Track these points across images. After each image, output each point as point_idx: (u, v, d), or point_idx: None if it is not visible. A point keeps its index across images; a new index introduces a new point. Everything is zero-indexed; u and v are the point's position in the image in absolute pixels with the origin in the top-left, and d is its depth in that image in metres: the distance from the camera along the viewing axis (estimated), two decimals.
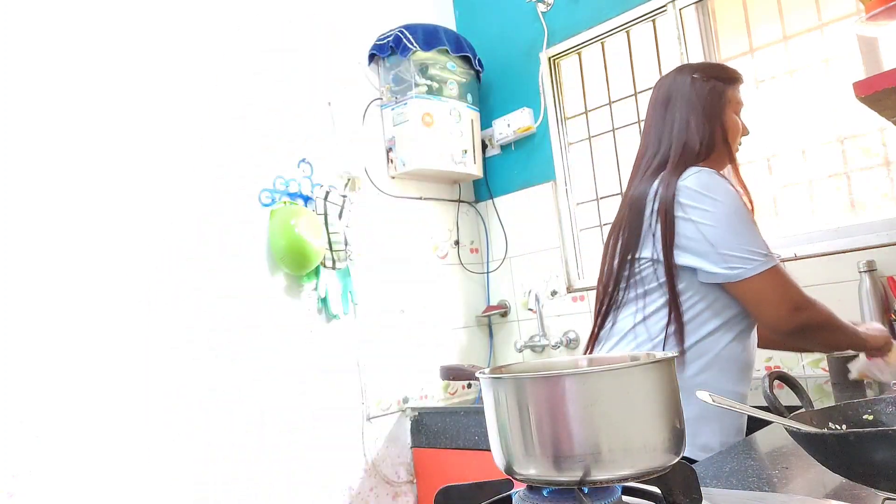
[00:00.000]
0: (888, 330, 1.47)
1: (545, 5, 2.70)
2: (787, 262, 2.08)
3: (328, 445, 2.26)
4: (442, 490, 0.71)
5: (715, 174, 1.35)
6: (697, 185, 1.32)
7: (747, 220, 1.31)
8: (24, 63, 1.80)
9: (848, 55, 2.07)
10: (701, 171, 1.35)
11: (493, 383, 0.65)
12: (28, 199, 1.75)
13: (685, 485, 0.66)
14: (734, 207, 1.30)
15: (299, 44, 2.44)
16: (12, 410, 1.65)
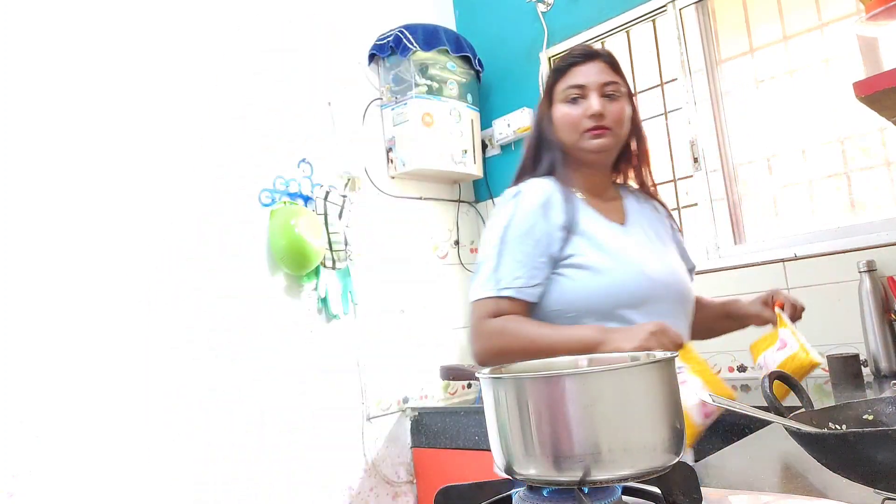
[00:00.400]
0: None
1: (545, 5, 2.70)
2: (787, 262, 2.08)
3: (328, 445, 2.26)
4: (442, 490, 0.71)
5: (518, 193, 1.25)
6: (496, 207, 1.31)
7: (499, 244, 1.21)
8: (25, 63, 1.80)
9: (848, 55, 2.07)
10: (507, 192, 1.28)
11: (493, 383, 0.65)
12: (28, 199, 1.75)
13: (685, 485, 0.66)
14: (498, 230, 1.22)
15: (299, 44, 2.44)
16: (12, 410, 1.65)
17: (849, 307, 1.93)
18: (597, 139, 1.24)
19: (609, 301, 1.19)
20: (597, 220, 1.27)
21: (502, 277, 1.18)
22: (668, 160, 2.48)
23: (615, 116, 1.25)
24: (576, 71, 1.27)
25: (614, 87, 1.26)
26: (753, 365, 1.36)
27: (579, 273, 1.20)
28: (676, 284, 1.27)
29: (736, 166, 2.34)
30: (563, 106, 1.27)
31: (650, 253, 1.27)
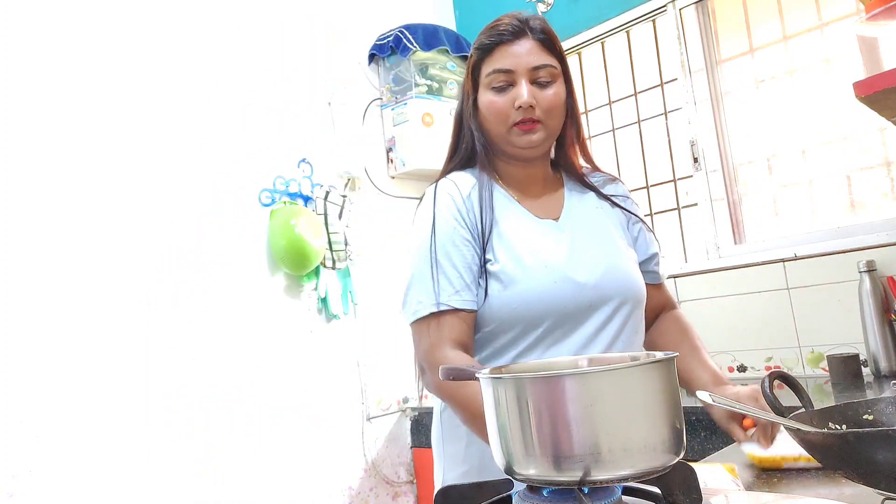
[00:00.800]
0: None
1: (545, 5, 2.70)
2: (788, 262, 2.08)
3: (328, 445, 2.26)
4: (442, 490, 0.71)
5: (430, 194, 1.14)
6: (419, 205, 1.17)
7: (425, 255, 1.09)
8: (25, 63, 1.80)
9: (848, 55, 2.07)
10: (428, 190, 1.17)
11: (493, 383, 0.65)
12: (28, 199, 1.75)
13: (685, 485, 0.65)
14: (420, 240, 1.11)
15: (299, 44, 2.44)
16: (12, 410, 1.65)
17: (849, 307, 1.93)
18: (526, 135, 1.09)
19: (524, 315, 1.04)
20: (522, 218, 1.13)
21: (441, 289, 1.05)
22: (668, 160, 2.48)
23: (547, 106, 1.09)
24: (503, 51, 1.10)
25: (547, 72, 1.09)
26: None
27: (491, 284, 1.07)
28: (616, 288, 1.09)
29: (736, 166, 2.34)
30: (488, 93, 1.11)
31: (583, 253, 1.10)
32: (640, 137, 2.56)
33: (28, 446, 1.66)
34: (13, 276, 1.70)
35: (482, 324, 1.08)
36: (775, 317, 2.10)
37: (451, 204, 1.11)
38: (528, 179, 1.17)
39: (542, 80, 1.09)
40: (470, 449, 1.09)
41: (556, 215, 1.15)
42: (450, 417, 1.13)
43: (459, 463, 1.11)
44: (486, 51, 1.12)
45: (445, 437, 1.15)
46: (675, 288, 2.32)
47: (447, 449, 1.15)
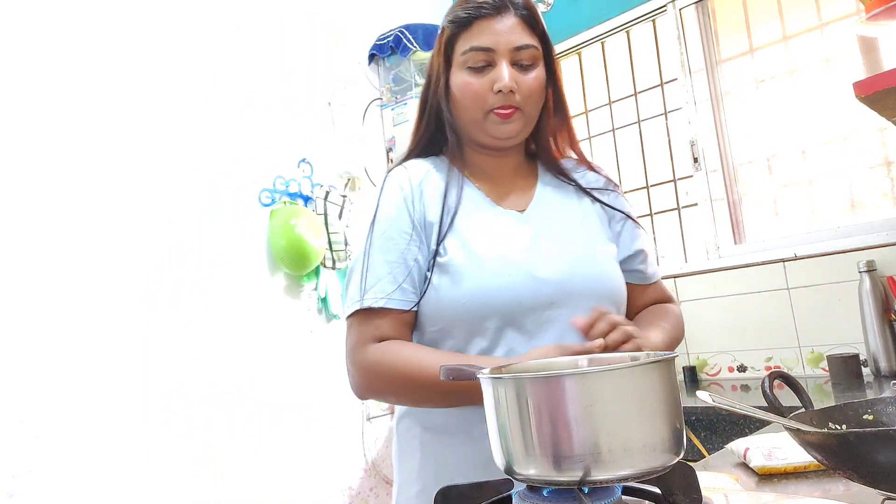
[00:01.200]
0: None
1: (545, 5, 2.70)
2: (788, 262, 2.08)
3: (328, 445, 2.26)
4: (442, 490, 0.71)
5: (384, 183, 1.07)
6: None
7: (361, 249, 1.04)
8: (25, 63, 1.80)
9: (848, 55, 2.07)
10: (383, 178, 1.09)
11: (493, 383, 0.65)
12: (28, 199, 1.75)
13: (685, 485, 0.65)
14: (365, 230, 1.05)
15: (299, 44, 2.44)
16: (12, 410, 1.65)
17: (849, 307, 1.93)
18: (505, 124, 1.00)
19: (476, 313, 0.95)
20: (482, 208, 1.03)
21: (370, 286, 0.98)
22: (668, 160, 2.48)
23: (527, 91, 0.99)
24: (482, 26, 0.98)
25: (529, 54, 0.99)
26: None
27: (440, 278, 0.97)
28: (584, 285, 0.99)
29: (736, 166, 2.34)
30: (463, 73, 1.00)
31: (547, 247, 1.00)
32: (640, 137, 2.56)
33: (28, 446, 1.66)
34: (13, 276, 1.70)
35: (430, 323, 0.99)
36: (775, 317, 2.10)
37: (397, 194, 1.03)
38: (498, 169, 1.08)
39: (523, 63, 0.99)
40: (424, 465, 1.00)
41: (522, 207, 1.05)
42: (405, 429, 1.05)
43: (413, 481, 1.01)
44: (462, 25, 1.00)
45: (401, 452, 1.06)
46: (675, 288, 2.32)
47: (402, 465, 1.05)
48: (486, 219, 1.02)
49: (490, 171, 1.08)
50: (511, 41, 0.98)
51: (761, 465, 0.93)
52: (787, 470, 0.92)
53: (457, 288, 0.96)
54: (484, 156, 1.07)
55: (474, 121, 1.01)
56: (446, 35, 1.02)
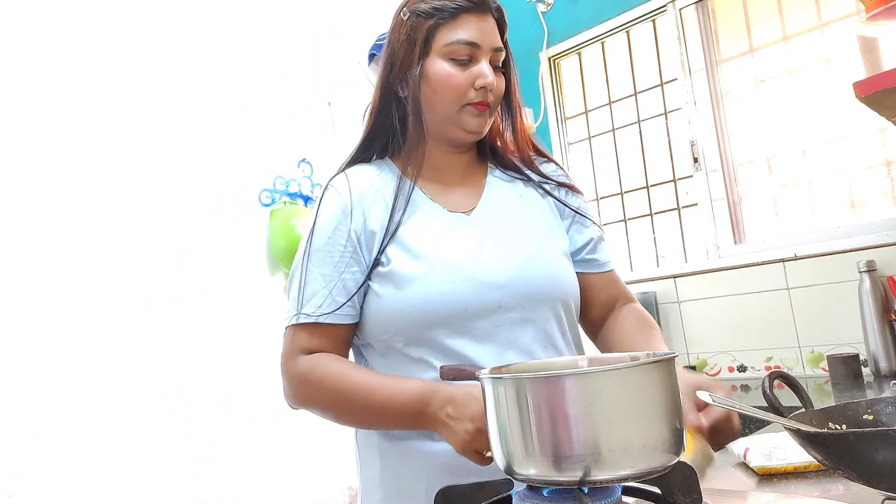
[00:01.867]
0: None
1: (545, 5, 2.70)
2: (788, 262, 2.08)
3: (328, 445, 2.26)
4: (442, 490, 0.71)
5: (323, 193, 1.05)
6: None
7: (298, 261, 1.02)
8: (25, 64, 1.80)
9: (848, 55, 2.07)
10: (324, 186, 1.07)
11: (493, 383, 0.65)
12: (28, 199, 1.75)
13: (685, 485, 0.65)
14: (303, 241, 1.04)
15: (299, 44, 2.44)
16: (12, 410, 1.65)
17: (849, 307, 1.93)
18: (479, 117, 0.99)
19: (421, 321, 0.93)
20: (430, 214, 1.01)
21: (306, 299, 0.98)
22: (668, 160, 2.48)
23: (498, 91, 1.01)
24: (468, 21, 0.98)
25: (500, 56, 1.01)
26: None
27: (383, 287, 0.96)
28: (532, 286, 0.97)
29: (736, 166, 2.34)
30: (444, 63, 0.98)
31: (493, 249, 0.98)
32: (640, 137, 2.56)
33: (28, 446, 1.66)
34: (13, 276, 1.70)
35: (378, 332, 0.98)
36: (775, 317, 2.10)
37: (336, 205, 1.02)
38: (450, 167, 1.06)
39: (495, 65, 1.01)
40: (385, 472, 0.99)
41: (469, 207, 1.03)
42: (364, 437, 1.04)
43: (375, 490, 1.00)
44: (447, 15, 0.98)
45: (362, 460, 1.05)
46: (676, 288, 2.32)
47: (364, 474, 1.05)
48: (431, 224, 1.00)
49: (441, 169, 1.06)
50: (492, 41, 0.99)
51: (761, 465, 0.93)
52: (787, 470, 0.92)
53: (401, 296, 0.94)
54: (438, 154, 1.05)
55: (448, 113, 0.99)
56: (429, 23, 0.98)
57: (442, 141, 1.04)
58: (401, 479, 0.96)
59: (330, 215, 1.01)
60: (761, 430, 1.25)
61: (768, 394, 0.81)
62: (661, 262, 2.51)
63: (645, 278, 2.39)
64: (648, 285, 2.37)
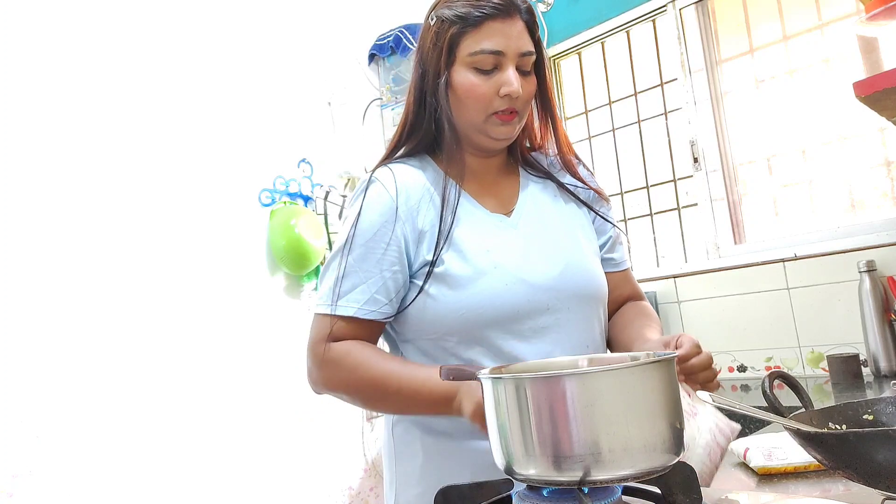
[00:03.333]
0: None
1: (545, 5, 2.70)
2: (788, 262, 2.08)
3: (328, 445, 2.26)
4: (442, 490, 0.71)
5: (369, 186, 1.03)
6: (351, 194, 1.07)
7: (339, 251, 1.01)
8: (25, 64, 1.80)
9: (848, 55, 2.07)
10: (364, 178, 1.07)
11: (493, 383, 0.65)
12: (28, 199, 1.75)
13: (685, 485, 0.66)
14: (342, 234, 1.03)
15: (299, 44, 2.44)
16: (12, 410, 1.65)
17: (849, 307, 1.93)
18: (505, 125, 1.00)
19: (475, 322, 0.95)
20: (474, 214, 1.03)
21: (343, 292, 0.97)
22: (668, 160, 2.48)
23: (527, 98, 1.01)
24: (492, 28, 0.97)
25: (530, 60, 1.01)
26: None
27: (437, 288, 0.97)
28: (575, 288, 1.00)
29: (736, 166, 2.34)
30: (469, 73, 0.98)
31: (537, 252, 1.01)
32: (640, 137, 2.56)
33: (28, 446, 1.66)
34: (13, 276, 1.70)
35: (426, 332, 0.99)
36: (775, 317, 2.10)
37: (384, 199, 1.00)
38: (485, 171, 1.08)
39: (524, 69, 1.00)
40: (427, 467, 1.00)
41: (508, 209, 1.05)
42: (403, 432, 1.05)
43: (414, 484, 1.01)
44: (472, 23, 0.97)
45: (398, 454, 1.06)
46: (676, 288, 2.32)
47: (400, 468, 1.05)
48: (478, 226, 1.01)
49: (477, 172, 1.07)
50: (519, 46, 0.98)
51: (761, 465, 0.93)
52: (787, 470, 0.92)
53: (455, 297, 0.96)
54: (472, 156, 1.07)
55: (473, 123, 1.00)
56: (453, 31, 0.98)
57: (473, 147, 1.05)
58: (443, 472, 0.97)
59: (376, 211, 1.00)
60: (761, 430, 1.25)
61: (768, 394, 0.81)
62: (661, 262, 2.51)
63: (645, 278, 2.39)
64: (648, 285, 2.37)
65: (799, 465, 0.91)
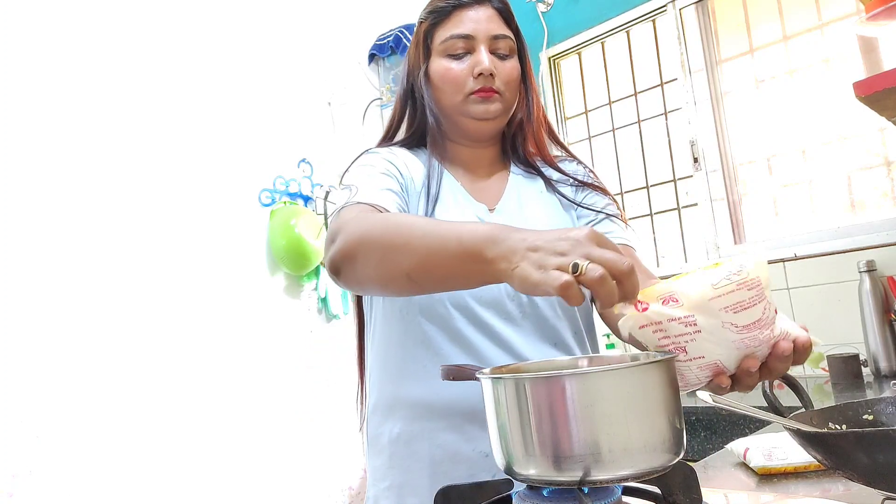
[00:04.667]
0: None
1: (545, 5, 2.70)
2: (788, 262, 2.08)
3: (328, 445, 2.26)
4: (442, 490, 0.71)
5: (364, 153, 1.07)
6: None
7: (355, 181, 0.98)
8: (25, 64, 1.80)
9: (848, 55, 2.07)
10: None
11: (493, 383, 0.65)
12: (29, 199, 1.75)
13: (685, 485, 0.65)
14: (348, 178, 1.02)
15: (299, 44, 2.44)
16: (12, 410, 1.65)
17: (849, 307, 1.93)
18: (484, 103, 1.01)
19: (444, 301, 0.95)
20: (461, 202, 1.03)
21: (359, 192, 0.94)
22: (668, 160, 2.48)
23: (506, 77, 1.02)
24: (461, 16, 1.02)
25: (506, 44, 1.03)
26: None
27: None
28: None
29: (736, 166, 2.34)
30: (443, 60, 1.03)
31: None
32: (640, 137, 2.56)
33: (28, 446, 1.66)
34: (13, 276, 1.70)
35: (402, 307, 0.99)
36: None
37: (386, 156, 1.03)
38: (474, 161, 1.09)
39: (500, 52, 1.03)
40: (393, 462, 1.00)
41: (493, 202, 1.06)
42: (374, 426, 1.06)
43: (380, 478, 1.02)
44: (441, 15, 1.04)
45: (370, 449, 1.07)
46: None
47: (371, 462, 1.07)
48: (460, 211, 1.02)
49: (467, 163, 1.09)
50: (489, 29, 1.02)
51: (761, 465, 0.93)
52: (787, 470, 0.92)
53: None
54: (462, 147, 1.08)
55: (454, 105, 1.02)
56: (425, 26, 1.05)
57: (461, 136, 1.07)
58: (410, 473, 0.98)
59: (379, 154, 1.03)
60: (761, 430, 1.25)
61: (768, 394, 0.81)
62: (661, 262, 2.51)
63: None
64: None
65: (799, 465, 0.91)
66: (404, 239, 0.77)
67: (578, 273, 0.58)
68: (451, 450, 0.93)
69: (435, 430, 0.95)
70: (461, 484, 0.72)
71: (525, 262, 0.63)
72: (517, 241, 0.65)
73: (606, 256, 0.60)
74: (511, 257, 0.65)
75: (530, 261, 0.63)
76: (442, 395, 0.94)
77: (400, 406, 1.00)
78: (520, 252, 0.64)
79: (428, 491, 0.92)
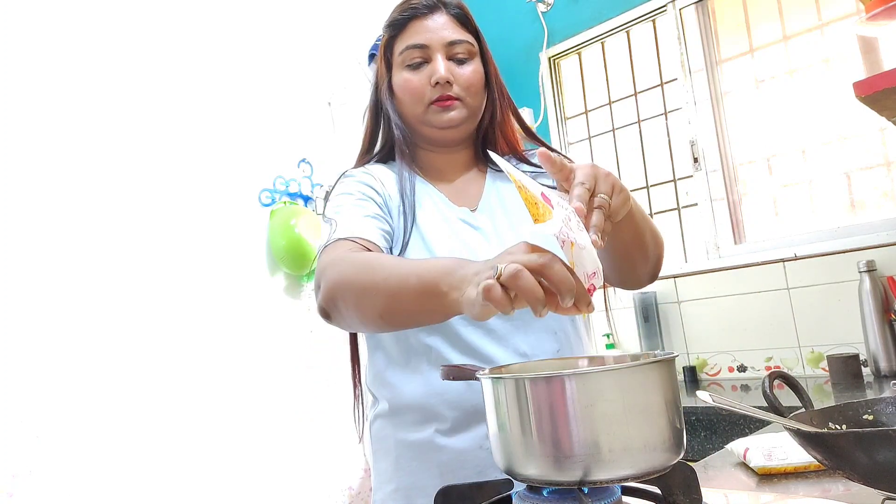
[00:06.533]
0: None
1: (545, 5, 2.70)
2: (788, 262, 2.08)
3: (328, 445, 2.26)
4: (442, 490, 0.71)
5: (342, 176, 1.07)
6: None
7: (336, 211, 0.99)
8: (25, 63, 1.80)
9: (848, 55, 2.07)
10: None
11: (493, 383, 0.65)
12: (28, 199, 1.75)
13: (685, 485, 0.66)
14: (329, 208, 1.03)
15: (299, 44, 2.44)
16: (12, 410, 1.65)
17: (849, 307, 1.93)
18: (445, 112, 1.02)
19: None
20: (441, 208, 1.04)
21: (340, 227, 0.95)
22: (668, 160, 2.48)
23: (465, 83, 1.02)
24: (416, 26, 1.03)
25: (464, 48, 1.03)
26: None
27: None
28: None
29: (736, 166, 2.34)
30: (403, 72, 1.04)
31: (498, 241, 1.00)
32: (640, 137, 2.56)
33: (28, 446, 1.66)
34: (13, 276, 1.70)
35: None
36: (775, 317, 2.10)
37: (361, 177, 1.04)
38: (448, 167, 1.10)
39: (459, 57, 1.03)
40: (399, 464, 0.99)
41: (474, 203, 1.06)
42: (378, 430, 1.05)
43: (387, 481, 1.02)
44: (398, 27, 1.05)
45: (375, 452, 1.07)
46: (675, 288, 2.32)
47: (377, 465, 1.06)
48: (442, 217, 1.02)
49: (441, 169, 1.09)
50: (444, 37, 1.02)
51: (761, 465, 0.93)
52: (787, 470, 0.92)
53: None
54: (434, 154, 1.09)
55: (416, 115, 1.04)
56: (385, 39, 1.07)
57: (431, 144, 1.08)
58: (417, 475, 0.98)
59: (359, 180, 1.04)
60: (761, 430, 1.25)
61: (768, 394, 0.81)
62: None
63: None
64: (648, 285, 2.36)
65: (799, 465, 0.91)
66: (372, 282, 0.80)
67: (498, 275, 0.60)
68: (458, 450, 0.93)
69: (440, 430, 0.95)
70: (461, 484, 0.72)
71: (470, 287, 0.66)
72: (470, 270, 0.68)
73: (527, 258, 0.61)
74: (462, 286, 0.67)
75: (473, 283, 0.65)
76: (445, 395, 0.94)
77: (404, 408, 0.99)
78: (468, 279, 0.67)
79: (435, 492, 0.92)
